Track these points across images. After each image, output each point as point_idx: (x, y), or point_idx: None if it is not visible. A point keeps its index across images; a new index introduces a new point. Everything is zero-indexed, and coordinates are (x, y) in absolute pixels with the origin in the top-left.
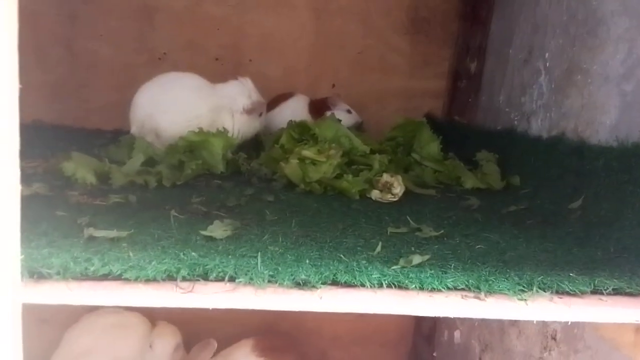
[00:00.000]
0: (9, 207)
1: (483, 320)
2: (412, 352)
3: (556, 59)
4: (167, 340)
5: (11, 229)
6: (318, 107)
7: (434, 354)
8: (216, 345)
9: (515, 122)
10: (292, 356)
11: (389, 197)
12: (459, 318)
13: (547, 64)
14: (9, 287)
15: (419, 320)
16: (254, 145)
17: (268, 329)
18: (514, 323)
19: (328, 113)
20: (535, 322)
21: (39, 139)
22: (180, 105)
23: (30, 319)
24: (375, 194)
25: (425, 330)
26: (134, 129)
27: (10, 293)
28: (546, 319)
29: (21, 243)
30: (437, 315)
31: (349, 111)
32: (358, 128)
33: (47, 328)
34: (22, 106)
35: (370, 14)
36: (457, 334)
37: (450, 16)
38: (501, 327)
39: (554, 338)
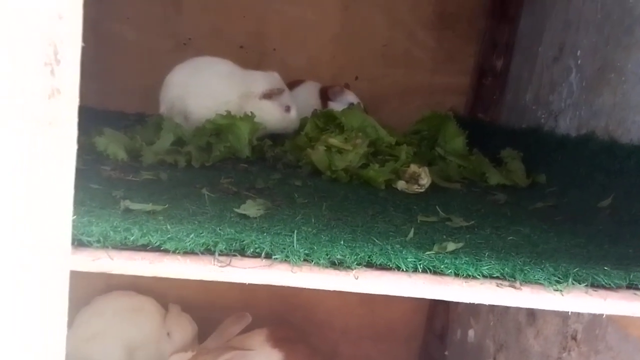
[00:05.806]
0: (62, 168)
1: (499, 319)
2: (423, 350)
3: (588, 57)
4: (185, 330)
5: (64, 192)
6: (323, 95)
7: (446, 353)
8: (250, 319)
9: (542, 121)
10: (304, 348)
11: (415, 188)
12: (473, 317)
13: (579, 62)
14: (60, 253)
15: (431, 318)
16: (278, 135)
17: (279, 320)
18: (531, 323)
19: (330, 103)
20: (554, 322)
21: None
22: (211, 90)
23: None
24: (401, 185)
25: (438, 329)
26: (162, 109)
27: (61, 259)
28: (581, 311)
29: None
30: (472, 301)
31: (351, 104)
32: None
33: None
34: None
35: (397, 7)
36: (471, 332)
37: (477, 12)
38: (518, 327)
39: (574, 338)
